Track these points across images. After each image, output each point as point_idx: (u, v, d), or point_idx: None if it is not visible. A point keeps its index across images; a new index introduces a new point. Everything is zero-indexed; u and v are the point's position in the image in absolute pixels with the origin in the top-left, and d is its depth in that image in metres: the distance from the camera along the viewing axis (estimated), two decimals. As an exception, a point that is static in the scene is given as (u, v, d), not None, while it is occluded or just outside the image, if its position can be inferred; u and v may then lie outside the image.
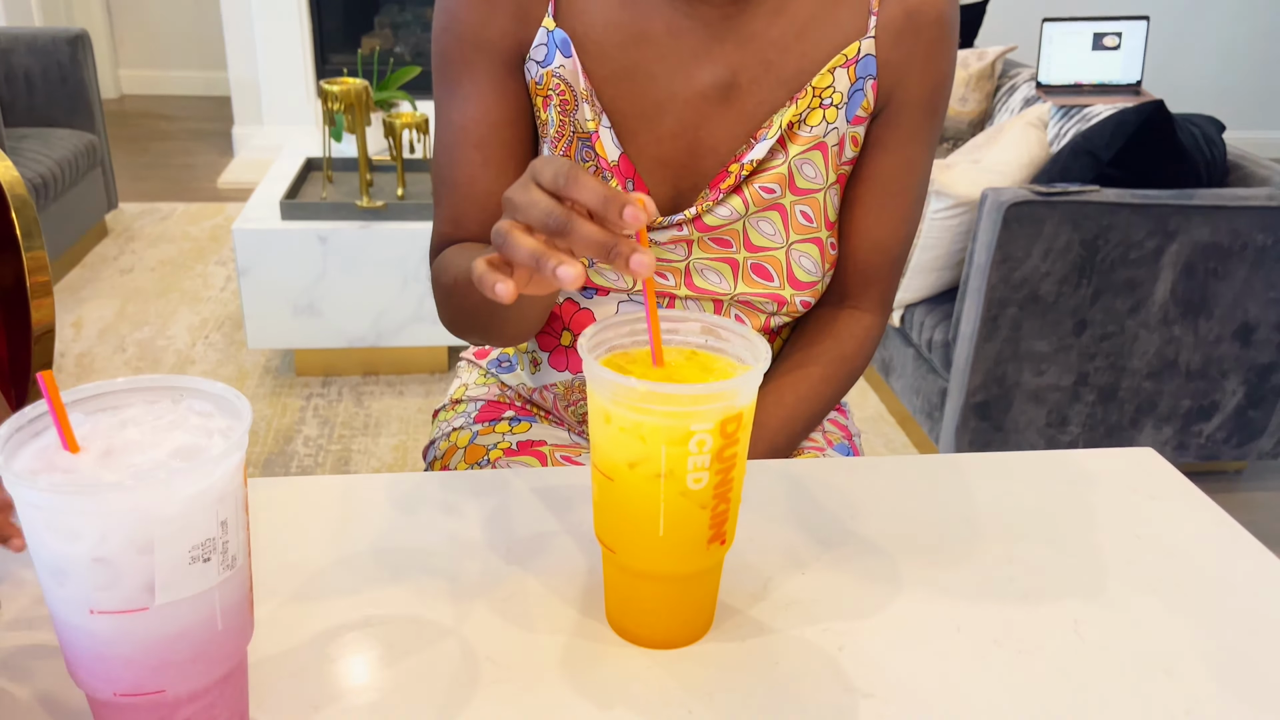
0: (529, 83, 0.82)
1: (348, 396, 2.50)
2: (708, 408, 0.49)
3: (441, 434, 0.94)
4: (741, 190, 0.81)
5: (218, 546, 0.43)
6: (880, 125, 0.84)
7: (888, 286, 0.88)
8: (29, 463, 0.42)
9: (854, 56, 0.81)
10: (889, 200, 0.85)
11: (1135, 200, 1.94)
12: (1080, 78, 2.79)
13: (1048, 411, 2.14)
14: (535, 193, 0.52)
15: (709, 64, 0.80)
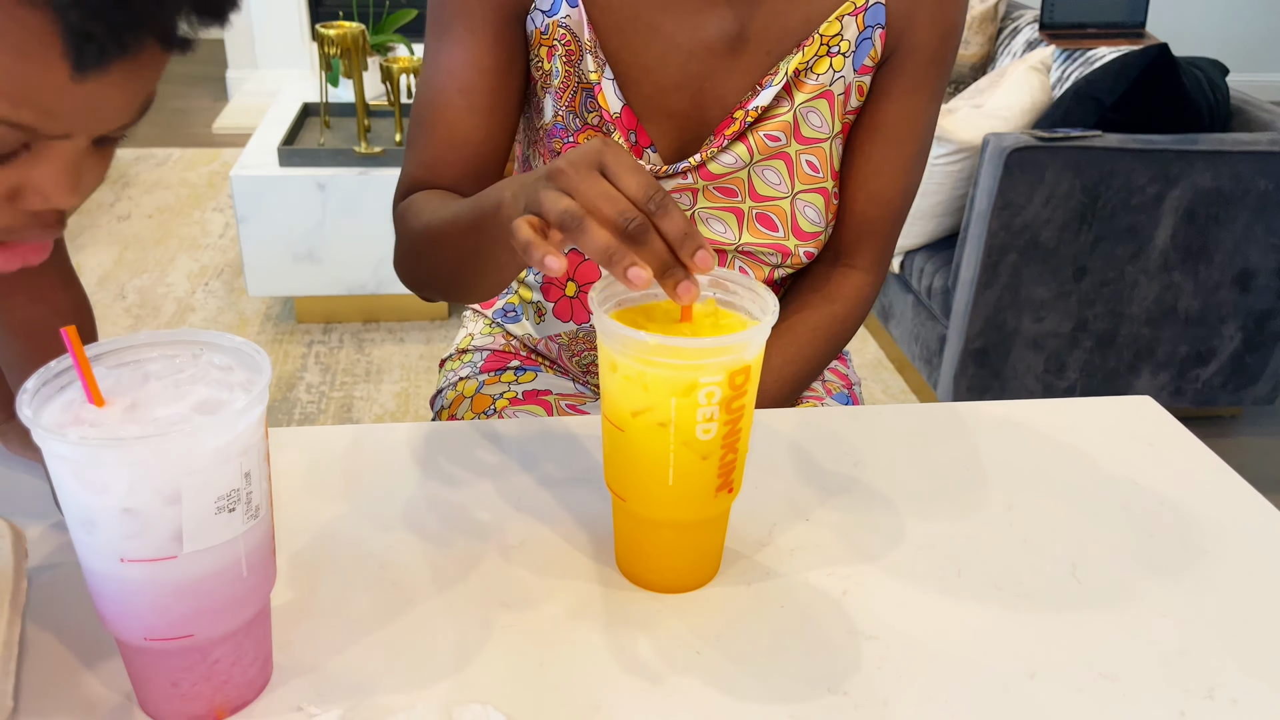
0: (533, 32, 0.81)
1: (349, 343, 2.51)
2: (716, 360, 0.50)
3: (448, 383, 0.95)
4: (746, 138, 0.81)
5: (242, 497, 0.45)
6: (886, 73, 0.83)
7: (884, 244, 0.88)
8: (57, 416, 0.43)
9: (863, 4, 0.80)
10: (890, 150, 0.84)
11: (1137, 146, 1.93)
12: (1084, 19, 2.76)
13: (1046, 358, 2.15)
14: (607, 186, 0.51)
15: (715, 15, 0.79)
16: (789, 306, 0.88)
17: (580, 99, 0.81)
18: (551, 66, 0.81)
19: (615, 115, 0.80)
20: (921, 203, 2.22)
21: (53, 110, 0.40)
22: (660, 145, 0.82)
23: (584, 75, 0.80)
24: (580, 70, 0.80)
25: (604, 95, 0.80)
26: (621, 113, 0.80)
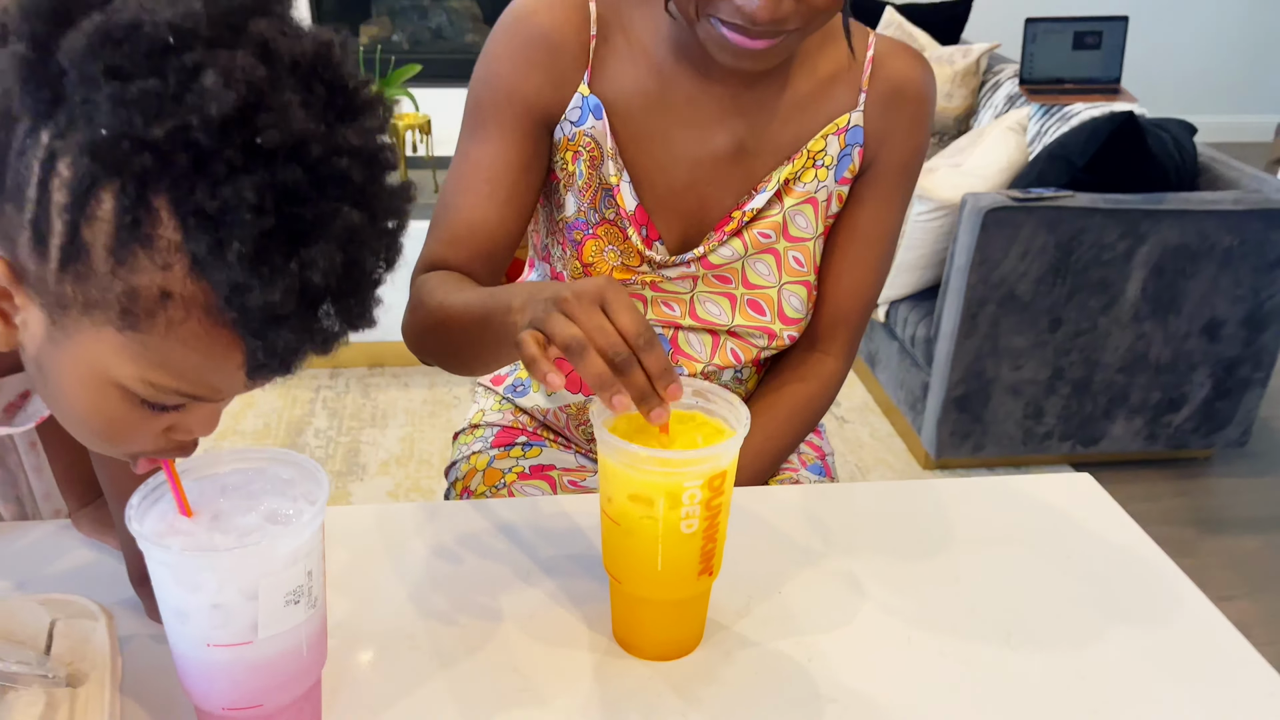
0: (560, 139, 0.91)
1: (355, 388, 2.60)
2: (698, 469, 0.60)
3: (462, 456, 1.05)
4: (742, 234, 0.93)
5: (305, 591, 0.54)
6: (862, 184, 0.95)
7: (854, 334, 0.99)
8: (155, 525, 0.53)
9: (844, 126, 0.92)
10: (864, 249, 0.96)
11: (1107, 205, 2.04)
12: (1061, 75, 2.88)
13: (1025, 404, 2.25)
14: (607, 323, 0.61)
15: (721, 130, 0.91)
16: (769, 385, 0.98)
17: (600, 197, 0.92)
18: (576, 169, 0.91)
19: (630, 213, 0.91)
20: (905, 256, 2.33)
21: (221, 391, 0.51)
22: (668, 238, 0.93)
23: (605, 178, 0.91)
24: (601, 173, 0.91)
25: (621, 196, 0.91)
26: (636, 210, 0.91)
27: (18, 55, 0.44)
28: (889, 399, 2.57)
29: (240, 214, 0.43)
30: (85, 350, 0.48)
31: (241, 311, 0.45)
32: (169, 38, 0.43)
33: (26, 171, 0.45)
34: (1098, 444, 2.32)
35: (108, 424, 0.51)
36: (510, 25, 0.90)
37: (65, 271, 0.46)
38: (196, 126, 0.43)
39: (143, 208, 0.44)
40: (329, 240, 0.46)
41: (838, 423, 2.57)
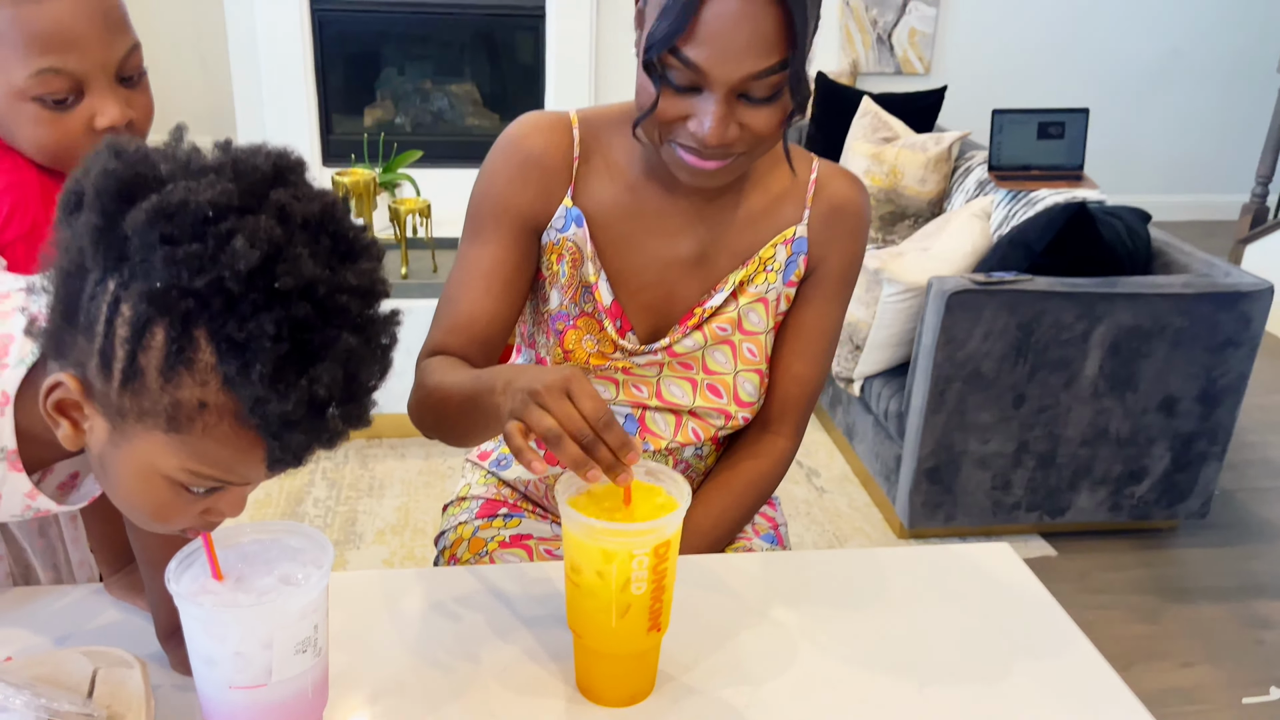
0: (547, 243, 1.05)
1: (354, 459, 2.71)
2: (644, 538, 0.71)
3: (450, 526, 1.16)
4: (702, 328, 1.06)
5: (312, 642, 0.65)
6: (807, 286, 1.09)
7: (801, 417, 1.11)
8: (189, 586, 0.64)
9: (791, 237, 1.06)
10: (809, 344, 1.09)
11: (1063, 288, 2.18)
12: (1028, 161, 3.04)
13: (993, 476, 2.36)
14: (574, 411, 0.72)
15: (685, 238, 1.05)
16: (726, 462, 1.10)
17: (580, 294, 1.05)
18: (560, 269, 1.05)
19: (606, 307, 1.04)
20: (877, 334, 2.45)
21: (248, 479, 0.64)
22: (639, 329, 1.07)
23: (584, 277, 1.04)
24: (582, 273, 1.04)
25: (599, 292, 1.04)
26: (611, 305, 1.05)
27: (91, 223, 0.58)
28: (866, 470, 2.68)
29: (262, 342, 0.57)
30: (139, 449, 0.61)
31: (262, 418, 0.58)
32: (209, 212, 0.57)
33: (96, 312, 0.58)
34: (1064, 514, 2.43)
35: (157, 507, 0.64)
36: (506, 147, 1.04)
37: (125, 388, 0.59)
38: (229, 278, 0.56)
39: (186, 339, 0.57)
40: (333, 360, 0.59)
41: (817, 493, 2.67)
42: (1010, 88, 4.51)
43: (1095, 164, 4.59)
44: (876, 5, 4.34)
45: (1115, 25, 4.58)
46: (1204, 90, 4.76)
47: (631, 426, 1.06)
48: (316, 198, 0.61)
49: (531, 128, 1.03)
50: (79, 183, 0.60)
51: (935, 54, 4.49)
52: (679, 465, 1.11)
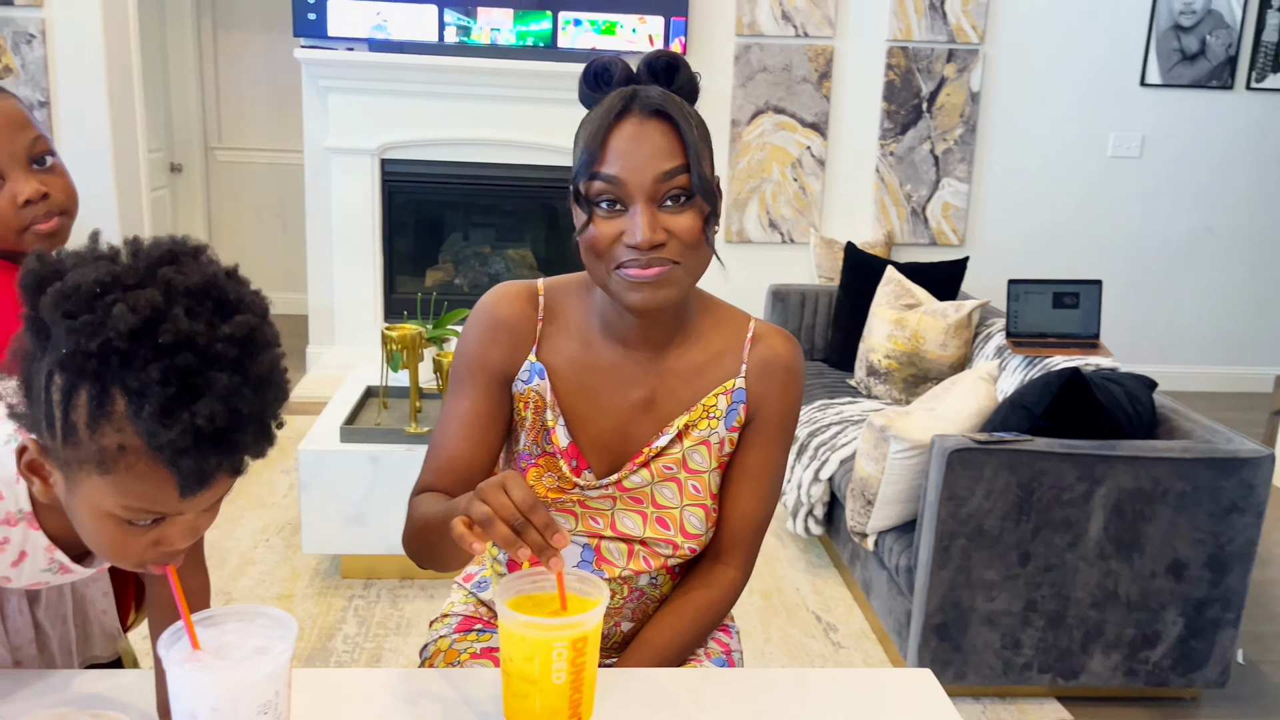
0: (516, 393, 1.20)
1: (385, 598, 2.82)
2: (562, 633, 0.83)
3: (432, 639, 1.29)
4: (649, 466, 1.19)
5: (273, 705, 0.77)
6: (749, 431, 1.22)
7: (750, 549, 1.23)
8: (179, 654, 0.78)
9: (730, 388, 1.20)
10: (753, 484, 1.22)
11: (1061, 449, 2.26)
12: (1044, 330, 3.17)
13: (1002, 635, 2.39)
14: (507, 500, 0.86)
15: (636, 387, 1.19)
16: (679, 590, 1.22)
17: (541, 436, 1.19)
18: (526, 414, 1.20)
19: (563, 448, 1.18)
20: (886, 490, 2.54)
21: (172, 508, 0.79)
22: (596, 467, 1.20)
23: (545, 421, 1.19)
24: (543, 418, 1.19)
25: (555, 435, 1.18)
26: (568, 447, 1.18)
27: (25, 314, 0.77)
28: (882, 627, 2.71)
29: (152, 387, 0.73)
30: (85, 492, 0.79)
31: (159, 450, 0.74)
32: (96, 289, 0.74)
33: (39, 385, 0.77)
34: (1078, 677, 2.42)
35: (111, 542, 0.81)
36: (480, 313, 1.21)
37: (65, 442, 0.77)
38: (115, 338, 0.73)
39: (105, 395, 0.74)
40: (211, 397, 0.74)
41: (834, 648, 2.70)
42: (1044, 259, 4.69)
43: (1130, 335, 4.70)
44: (911, 180, 4.59)
45: (1149, 201, 4.76)
46: (1237, 264, 4.87)
47: (588, 555, 1.18)
48: (200, 271, 0.78)
49: (502, 296, 1.21)
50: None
51: (969, 226, 4.69)
52: (634, 593, 1.22)
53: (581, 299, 1.20)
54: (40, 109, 4.09)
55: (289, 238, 5.70)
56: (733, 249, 4.62)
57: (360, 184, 4.50)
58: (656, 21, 4.32)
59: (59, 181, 1.24)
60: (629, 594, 1.21)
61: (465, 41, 4.31)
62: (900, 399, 3.38)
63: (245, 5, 5.51)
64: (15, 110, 1.21)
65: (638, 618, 1.23)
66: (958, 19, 4.42)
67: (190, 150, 5.63)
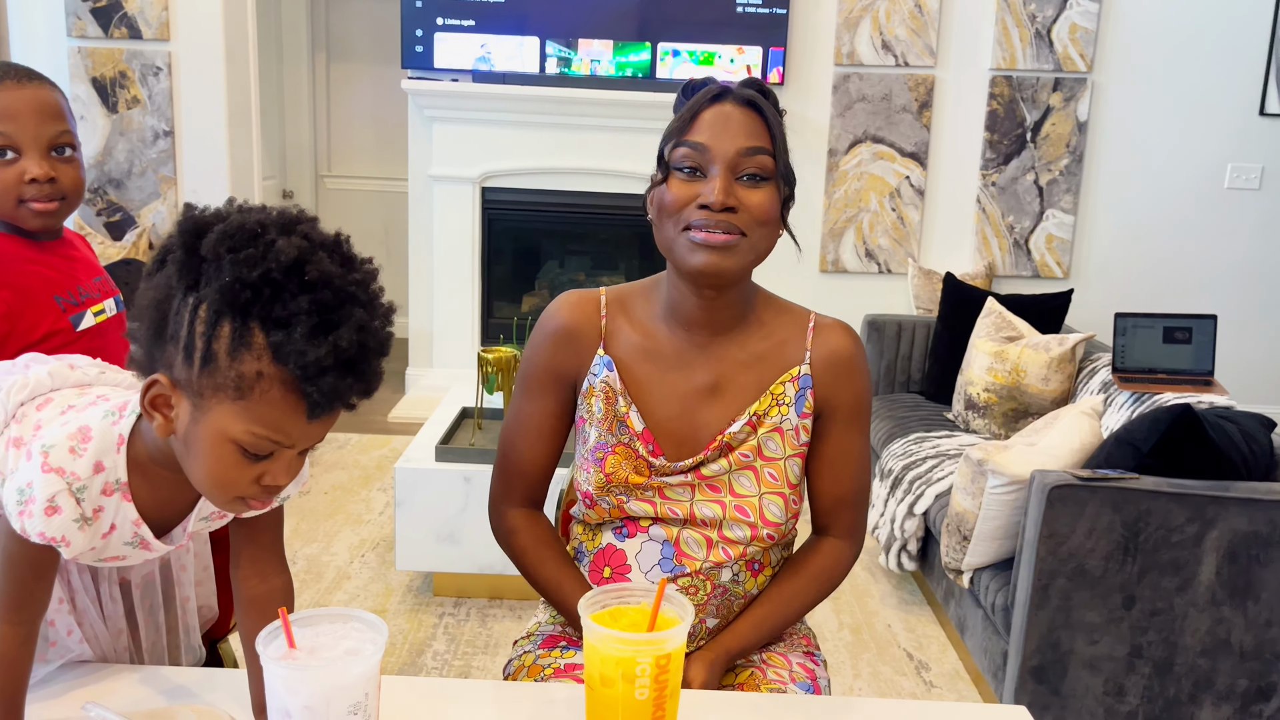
0: (586, 388, 1.25)
1: (474, 617, 2.86)
2: (647, 649, 0.83)
3: (516, 655, 1.32)
4: (725, 454, 1.22)
5: (362, 706, 0.79)
6: (823, 422, 1.26)
7: (854, 519, 1.27)
8: (275, 652, 0.80)
9: (796, 375, 1.24)
10: (838, 469, 1.26)
11: (1170, 489, 2.17)
12: (1154, 365, 3.05)
13: (1104, 681, 2.29)
14: None
15: (699, 372, 1.24)
16: (791, 560, 1.28)
17: (616, 425, 1.23)
18: (596, 408, 1.24)
19: (639, 432, 1.22)
20: (983, 526, 2.47)
21: (292, 436, 0.89)
22: (668, 453, 1.23)
23: (618, 410, 1.23)
24: (615, 408, 1.23)
25: (631, 420, 1.23)
26: (643, 431, 1.22)
27: (177, 258, 0.86)
28: (977, 668, 2.63)
29: (299, 316, 0.84)
30: (213, 419, 0.87)
31: (302, 369, 0.83)
32: (259, 229, 0.86)
33: (180, 320, 0.87)
34: (1186, 729, 2.31)
35: (222, 472, 0.89)
36: (545, 323, 1.28)
37: (203, 371, 0.86)
38: (275, 270, 0.84)
39: (245, 328, 0.84)
40: (348, 327, 0.85)
41: (926, 687, 2.63)
42: (1153, 293, 4.52)
43: (1246, 373, 4.49)
44: (1013, 211, 4.49)
45: (1269, 234, 4.56)
46: (1365, 303, 4.62)
47: (668, 552, 1.20)
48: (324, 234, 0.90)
49: (565, 303, 1.27)
50: (161, 251, 0.88)
51: (1074, 258, 4.57)
52: (717, 589, 1.23)
53: (645, 296, 1.25)
54: (165, 138, 4.32)
55: (392, 263, 5.87)
56: (828, 278, 4.58)
57: (461, 211, 4.62)
58: (755, 52, 4.34)
59: (70, 171, 1.38)
60: (712, 590, 1.23)
61: (566, 72, 4.39)
62: (999, 434, 3.29)
63: (356, 39, 5.72)
64: (52, 100, 1.36)
65: (722, 614, 1.25)
66: (1065, 47, 4.33)
67: (302, 178, 5.85)
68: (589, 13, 4.35)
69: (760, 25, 4.32)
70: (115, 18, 4.18)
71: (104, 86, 4.26)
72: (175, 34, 4.23)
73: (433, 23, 4.36)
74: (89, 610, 1.10)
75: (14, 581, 0.94)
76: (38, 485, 0.91)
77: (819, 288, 4.54)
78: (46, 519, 0.91)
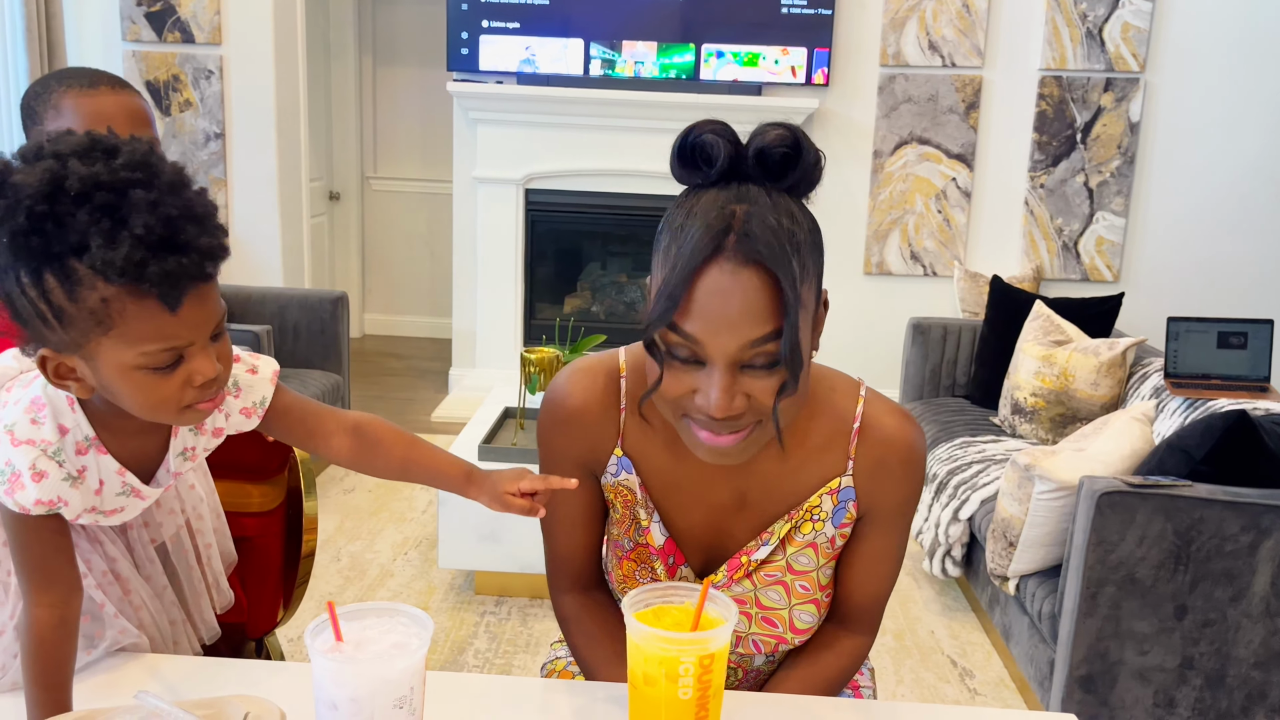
0: (605, 485, 1.13)
1: (516, 616, 2.87)
2: (690, 648, 0.82)
3: (552, 657, 1.32)
4: (751, 576, 1.11)
5: (408, 700, 0.79)
6: (863, 524, 1.12)
7: (876, 616, 1.16)
8: (322, 644, 0.81)
9: (836, 488, 1.09)
10: (873, 566, 1.13)
11: (1225, 497, 2.12)
12: (1207, 371, 2.99)
13: (1154, 692, 2.24)
14: None
15: (726, 485, 1.09)
16: (806, 652, 1.15)
17: (634, 530, 1.12)
18: (616, 504, 1.13)
19: (659, 547, 1.11)
20: (1030, 533, 2.44)
21: (177, 334, 0.88)
22: (693, 564, 1.14)
23: (638, 519, 1.12)
24: (635, 512, 1.12)
25: (651, 535, 1.11)
26: (665, 544, 1.11)
27: None
28: (1022, 676, 2.59)
29: (88, 229, 0.83)
30: (105, 360, 0.88)
31: (124, 274, 0.83)
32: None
33: (18, 299, 0.87)
34: (1239, 743, 2.26)
35: (150, 396, 0.90)
36: (551, 406, 1.12)
37: (64, 325, 0.86)
38: (33, 203, 0.82)
39: (62, 266, 0.84)
40: (136, 211, 0.83)
41: (970, 695, 2.60)
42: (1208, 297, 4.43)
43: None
44: (1062, 214, 4.43)
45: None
46: None
47: None
48: (78, 139, 0.87)
49: (577, 384, 1.10)
50: None
51: (1125, 262, 4.49)
52: (749, 674, 1.17)
53: None
54: (216, 140, 4.39)
55: (436, 265, 5.92)
56: (872, 280, 4.54)
57: (505, 213, 4.64)
58: (799, 53, 4.32)
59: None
60: (744, 676, 1.17)
61: (610, 74, 4.40)
62: (1046, 439, 3.24)
63: (403, 42, 5.78)
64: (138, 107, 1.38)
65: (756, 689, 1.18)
66: (1117, 47, 4.26)
67: (348, 179, 5.92)
68: (633, 15, 4.36)
69: (805, 26, 4.30)
70: (169, 22, 4.26)
71: (157, 90, 4.34)
72: (227, 38, 4.30)
73: (478, 25, 4.39)
74: (132, 577, 1.12)
75: (33, 559, 0.96)
76: (15, 459, 0.94)
77: (863, 290, 4.51)
78: (37, 485, 0.94)
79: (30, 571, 0.95)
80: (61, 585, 0.96)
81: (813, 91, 4.37)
